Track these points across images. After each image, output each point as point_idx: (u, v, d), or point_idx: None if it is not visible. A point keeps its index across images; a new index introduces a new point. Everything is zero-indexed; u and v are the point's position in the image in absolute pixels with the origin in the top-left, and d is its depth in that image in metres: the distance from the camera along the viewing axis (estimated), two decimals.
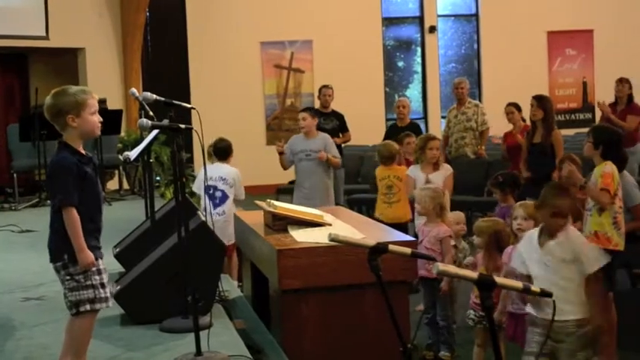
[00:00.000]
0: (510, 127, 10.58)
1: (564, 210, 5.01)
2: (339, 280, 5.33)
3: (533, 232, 5.16)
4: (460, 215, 7.46)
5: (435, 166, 8.25)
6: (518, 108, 10.86)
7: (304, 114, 9.73)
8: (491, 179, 7.88)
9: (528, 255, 5.11)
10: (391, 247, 3.14)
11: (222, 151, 8.84)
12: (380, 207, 8.83)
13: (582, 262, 4.94)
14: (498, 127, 13.85)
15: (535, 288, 2.87)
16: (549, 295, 3.02)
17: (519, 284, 2.84)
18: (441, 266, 2.69)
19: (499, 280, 2.75)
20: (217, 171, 8.58)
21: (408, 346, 3.03)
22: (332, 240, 3.34)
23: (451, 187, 8.29)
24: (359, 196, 12.34)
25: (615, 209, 6.36)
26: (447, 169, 8.33)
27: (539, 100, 9.25)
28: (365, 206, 11.91)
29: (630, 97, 11.41)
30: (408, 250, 3.23)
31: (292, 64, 17.34)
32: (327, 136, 9.78)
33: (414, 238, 5.76)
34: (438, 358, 6.70)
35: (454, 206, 8.24)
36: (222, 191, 8.58)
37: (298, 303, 5.38)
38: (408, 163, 8.95)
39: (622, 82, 11.47)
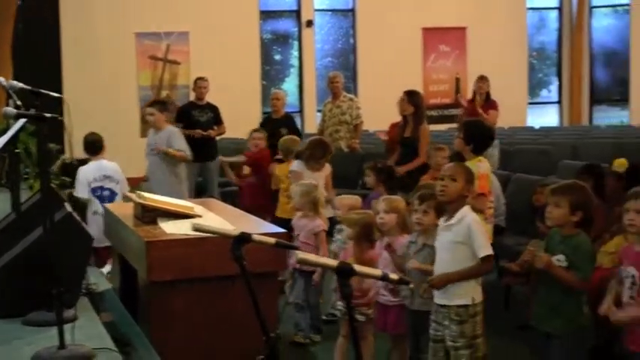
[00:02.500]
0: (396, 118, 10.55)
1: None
2: (209, 272, 5.29)
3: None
4: (356, 200, 7.53)
5: (319, 167, 8.35)
6: None
7: (152, 109, 9.61)
8: (368, 163, 7.97)
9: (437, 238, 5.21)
10: (255, 236, 3.14)
11: (91, 145, 8.65)
12: (283, 206, 8.75)
13: (473, 246, 5.04)
14: (374, 121, 14.05)
15: (393, 276, 2.91)
16: (407, 283, 3.07)
17: (378, 272, 2.88)
18: (300, 254, 2.71)
19: (358, 268, 2.79)
20: (99, 170, 8.41)
21: (271, 336, 3.03)
22: (195, 230, 3.32)
23: (330, 185, 8.41)
24: (233, 189, 12.28)
25: (487, 205, 6.52)
26: (327, 168, 8.42)
27: (410, 96, 9.41)
28: (239, 199, 11.86)
29: (488, 94, 11.74)
30: (272, 240, 3.23)
31: (168, 56, 17.15)
32: (173, 130, 9.66)
33: (283, 230, 5.76)
34: (308, 340, 6.81)
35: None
36: (110, 189, 8.42)
37: (167, 295, 5.33)
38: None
39: (482, 79, 11.84)
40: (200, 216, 6.03)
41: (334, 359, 6.27)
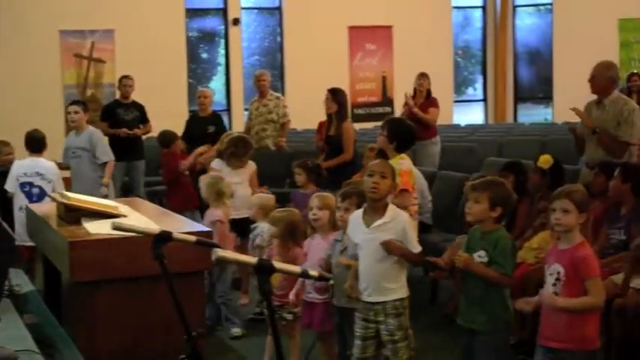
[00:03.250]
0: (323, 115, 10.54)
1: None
2: (134, 272, 5.26)
3: (358, 213, 5.27)
4: (269, 198, 7.54)
5: (242, 164, 8.34)
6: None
7: (76, 107, 9.45)
8: (299, 161, 7.98)
9: (354, 235, 5.22)
10: (175, 235, 3.12)
11: (35, 142, 8.51)
12: None
13: (407, 242, 5.12)
14: (301, 119, 14.06)
15: (314, 272, 2.93)
16: (327, 279, 3.09)
17: (298, 269, 2.89)
18: (219, 252, 2.70)
19: (278, 265, 2.79)
20: (33, 166, 8.27)
21: (192, 334, 3.02)
22: (115, 228, 3.29)
23: (256, 182, 8.40)
24: (160, 189, 12.20)
25: (412, 202, 6.58)
26: (250, 166, 8.41)
27: (334, 94, 9.45)
28: (166, 199, 11.79)
29: (429, 91, 11.81)
30: (193, 238, 3.22)
31: (93, 54, 16.93)
32: (95, 132, 9.54)
33: (207, 229, 5.75)
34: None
35: None
36: (40, 187, 8.28)
37: (91, 295, 5.29)
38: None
39: (423, 76, 11.88)
40: (125, 216, 5.98)
41: (264, 358, 6.28)
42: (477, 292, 4.93)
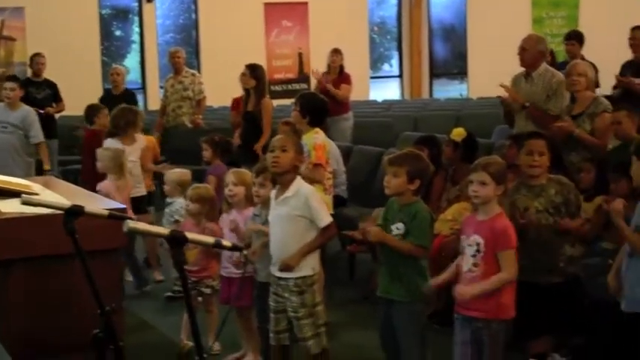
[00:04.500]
0: (239, 91, 10.47)
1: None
2: (49, 250, 5.15)
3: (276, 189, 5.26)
4: (185, 174, 7.51)
5: (134, 139, 8.28)
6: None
7: (13, 84, 9.35)
8: (205, 137, 7.94)
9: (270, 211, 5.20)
10: (87, 209, 3.08)
11: None
12: None
13: (313, 217, 5.09)
14: (217, 96, 13.99)
15: (226, 243, 2.92)
16: (240, 249, 3.09)
17: (211, 239, 2.88)
18: (131, 224, 2.67)
19: (190, 235, 2.78)
20: None
21: (106, 309, 3.00)
22: (24, 203, 3.23)
23: (148, 158, 8.36)
24: (74, 167, 12.03)
25: (326, 176, 6.59)
26: (141, 141, 8.37)
27: (252, 69, 9.42)
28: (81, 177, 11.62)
29: (342, 67, 11.84)
30: (105, 212, 3.18)
31: (3, 32, 16.54)
32: (30, 110, 9.42)
33: (122, 205, 5.68)
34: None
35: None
36: None
37: (4, 276, 5.17)
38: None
39: (336, 52, 11.90)
40: (37, 194, 5.87)
41: (181, 334, 6.26)
42: (395, 264, 4.96)
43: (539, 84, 7.65)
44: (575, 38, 11.18)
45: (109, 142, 8.19)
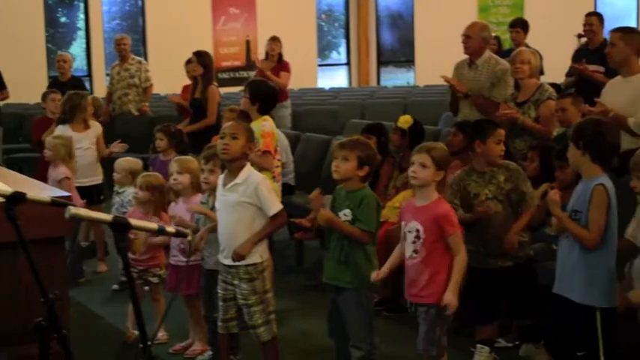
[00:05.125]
0: (185, 79, 10.40)
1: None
2: None
3: (222, 175, 5.23)
4: (136, 162, 7.44)
5: (86, 125, 8.17)
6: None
7: None
8: (161, 125, 7.86)
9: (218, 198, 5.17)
10: (29, 195, 3.03)
11: None
12: None
13: (262, 205, 5.08)
14: (164, 84, 13.89)
15: (170, 229, 2.90)
16: (184, 235, 3.06)
17: (155, 225, 2.86)
18: (73, 210, 2.64)
19: (134, 222, 2.76)
20: None
21: (49, 297, 2.96)
22: None
23: (103, 144, 8.28)
24: (20, 156, 11.90)
25: (275, 163, 6.59)
26: (97, 127, 8.28)
27: (199, 56, 9.38)
28: (26, 166, 11.48)
29: (281, 55, 11.82)
30: (47, 198, 3.14)
31: None
32: None
33: (66, 193, 5.61)
34: None
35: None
36: None
37: None
38: None
39: (274, 40, 11.87)
40: None
41: (127, 323, 6.23)
42: (343, 250, 4.97)
43: (483, 71, 7.70)
44: (519, 26, 11.26)
45: (59, 129, 8.10)
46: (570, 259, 4.65)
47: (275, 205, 5.13)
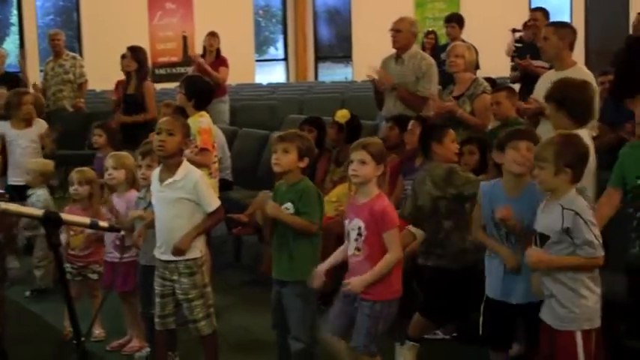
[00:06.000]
0: (121, 75, 10.28)
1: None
2: None
3: (157, 170, 5.18)
4: (47, 164, 7.35)
5: (28, 123, 8.05)
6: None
7: None
8: (99, 122, 7.79)
9: (152, 193, 5.14)
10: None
11: None
12: None
13: (199, 200, 5.06)
14: (100, 80, 13.73)
15: (103, 223, 2.87)
16: (117, 230, 3.05)
17: (87, 220, 2.83)
18: (3, 205, 2.60)
19: (65, 216, 2.72)
20: None
21: None
22: None
23: (49, 142, 8.15)
24: None
25: (212, 160, 6.57)
26: (42, 125, 8.15)
27: (133, 52, 9.30)
28: None
29: (219, 50, 11.78)
30: None
31: None
32: None
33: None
34: None
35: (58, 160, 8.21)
36: None
37: None
38: None
39: (213, 35, 11.84)
40: None
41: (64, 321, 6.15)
42: (288, 243, 4.98)
43: (409, 66, 7.82)
44: (455, 21, 11.37)
45: (1, 125, 8.01)
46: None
47: (213, 202, 5.13)
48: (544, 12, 9.66)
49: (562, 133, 4.51)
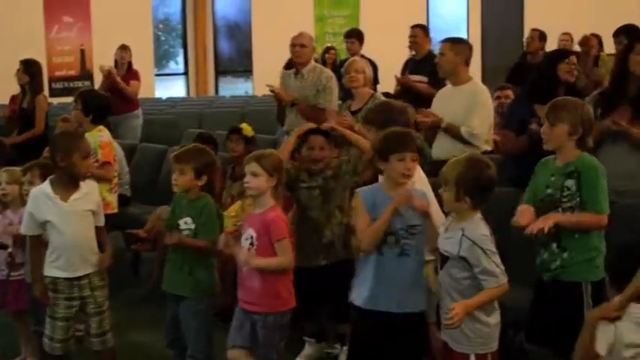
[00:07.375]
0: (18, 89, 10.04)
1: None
2: None
3: (44, 188, 5.09)
4: None
5: None
6: None
7: None
8: None
9: (46, 211, 5.05)
10: None
11: None
12: None
13: (99, 210, 5.20)
14: (7, 91, 13.43)
15: None
16: (5, 247, 2.98)
17: None
18: None
19: None
20: None
21: None
22: None
23: None
24: None
25: (113, 174, 6.52)
26: None
27: (26, 65, 9.19)
28: None
29: (130, 64, 11.67)
30: None
31: None
32: None
33: None
34: None
35: None
36: None
37: None
38: None
39: (124, 49, 11.73)
40: None
41: None
42: (185, 260, 5.02)
43: (308, 79, 7.90)
44: (354, 36, 11.49)
45: None
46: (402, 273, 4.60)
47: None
48: (423, 29, 9.76)
49: (471, 157, 4.47)
